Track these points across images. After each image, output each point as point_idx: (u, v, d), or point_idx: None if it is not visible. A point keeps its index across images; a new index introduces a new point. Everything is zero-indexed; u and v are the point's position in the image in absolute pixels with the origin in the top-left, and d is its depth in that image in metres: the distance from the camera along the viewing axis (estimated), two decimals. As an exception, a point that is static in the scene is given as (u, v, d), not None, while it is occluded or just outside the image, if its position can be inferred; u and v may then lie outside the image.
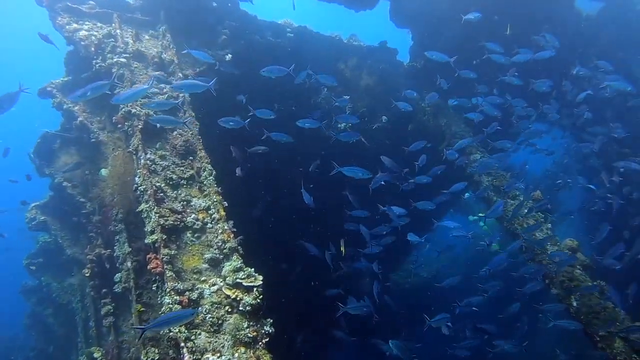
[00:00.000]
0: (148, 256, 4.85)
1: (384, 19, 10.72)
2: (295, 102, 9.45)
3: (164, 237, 4.87)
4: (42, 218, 9.76)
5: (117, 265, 6.38)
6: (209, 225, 5.31)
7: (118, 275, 6.27)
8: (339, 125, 9.13)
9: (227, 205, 5.45)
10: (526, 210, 8.86)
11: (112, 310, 7.20)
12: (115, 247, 6.57)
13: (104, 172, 6.53)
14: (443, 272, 18.06)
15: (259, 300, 4.49)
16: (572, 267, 8.05)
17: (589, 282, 7.81)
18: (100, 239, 7.93)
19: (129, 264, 6.02)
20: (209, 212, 5.42)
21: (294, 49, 9.14)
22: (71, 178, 8.50)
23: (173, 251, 4.82)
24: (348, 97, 8.79)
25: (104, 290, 7.29)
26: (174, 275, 4.56)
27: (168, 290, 4.39)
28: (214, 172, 5.70)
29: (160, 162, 5.70)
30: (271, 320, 4.57)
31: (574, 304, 7.74)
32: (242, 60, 8.49)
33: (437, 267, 18.32)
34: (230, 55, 8.00)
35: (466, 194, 8.49)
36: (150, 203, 5.09)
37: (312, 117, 8.17)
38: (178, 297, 4.35)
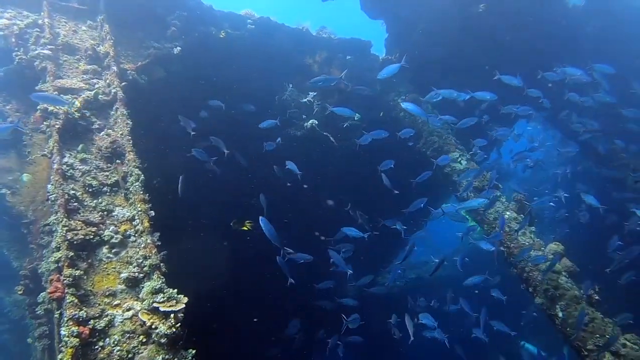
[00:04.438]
0: (50, 278, 4.14)
1: (356, 10, 10.07)
2: (260, 100, 8.78)
3: (71, 254, 4.15)
4: (-14, 228, 9.02)
5: (43, 283, 5.65)
6: (132, 238, 4.61)
7: (42, 295, 5.54)
8: (306, 124, 8.45)
9: (153, 214, 4.74)
10: (508, 213, 8.25)
11: (47, 332, 6.50)
12: (42, 263, 5.85)
13: (25, 177, 5.80)
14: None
15: (175, 330, 3.78)
16: (557, 274, 7.42)
17: (576, 291, 7.18)
18: (40, 252, 7.24)
19: (53, 282, 5.30)
20: (134, 223, 4.71)
21: (255, 42, 8.44)
22: (11, 185, 7.80)
23: (80, 271, 4.09)
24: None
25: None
26: (76, 300, 3.84)
27: (66, 319, 3.67)
28: (142, 177, 4.99)
29: (80, 167, 4.99)
30: (193, 352, 3.88)
31: (560, 314, 7.10)
32: (196, 55, 7.82)
33: (425, 269, 17.83)
34: (179, 48, 7.30)
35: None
36: (59, 214, 4.38)
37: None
38: (76, 328, 3.63)
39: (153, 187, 8.10)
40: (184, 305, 4.03)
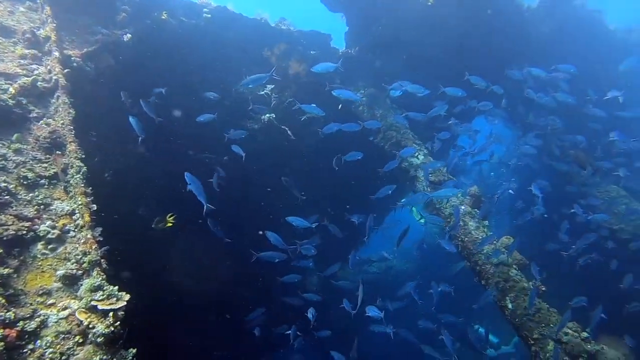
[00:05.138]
0: (-26, 277, 3.84)
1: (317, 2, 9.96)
2: (216, 91, 8.54)
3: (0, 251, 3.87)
4: None
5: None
6: (71, 233, 4.35)
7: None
8: (263, 117, 8.29)
9: (95, 208, 4.50)
10: (463, 207, 8.44)
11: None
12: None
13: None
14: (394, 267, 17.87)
15: (113, 329, 3.60)
16: (507, 267, 7.66)
17: (525, 283, 7.44)
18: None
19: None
20: (74, 217, 4.45)
21: (211, 32, 8.18)
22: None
23: (9, 269, 3.82)
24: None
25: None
26: (3, 301, 3.58)
27: (-10, 321, 3.42)
28: (84, 169, 4.73)
29: (14, 158, 4.66)
30: (134, 351, 3.70)
31: (509, 305, 7.35)
32: (148, 44, 7.50)
33: (387, 264, 18.05)
34: (129, 35, 6.97)
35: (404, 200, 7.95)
36: (-14, 208, 4.08)
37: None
38: (0, 331, 3.37)
39: (104, 180, 7.80)
40: (125, 303, 3.85)
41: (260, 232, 7.29)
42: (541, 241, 9.81)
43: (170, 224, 6.31)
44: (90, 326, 3.64)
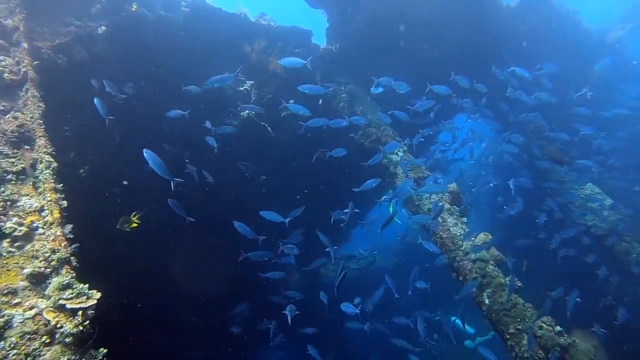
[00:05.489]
0: None
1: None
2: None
3: (-39, 250, 3.73)
4: None
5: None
6: (40, 230, 4.22)
7: None
8: (242, 113, 8.19)
9: (65, 205, 4.38)
10: (441, 204, 8.49)
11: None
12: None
13: None
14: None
15: (82, 328, 3.50)
16: (485, 263, 7.74)
17: (502, 279, 7.53)
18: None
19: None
20: (42, 214, 4.32)
21: (189, 26, 8.04)
22: None
23: (-28, 268, 3.69)
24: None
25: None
26: (-37, 302, 3.46)
27: (-53, 324, 3.29)
28: (54, 165, 4.60)
29: (-22, 152, 4.51)
30: (104, 351, 3.61)
31: (486, 301, 7.43)
32: (124, 37, 7.32)
33: (368, 260, 18.11)
34: (104, 28, 6.79)
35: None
36: (-52, 205, 3.92)
37: None
38: (-40, 332, 3.25)
39: (79, 177, 7.60)
40: (95, 302, 3.75)
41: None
42: (520, 236, 9.99)
43: (136, 224, 6.14)
44: (58, 326, 3.53)
